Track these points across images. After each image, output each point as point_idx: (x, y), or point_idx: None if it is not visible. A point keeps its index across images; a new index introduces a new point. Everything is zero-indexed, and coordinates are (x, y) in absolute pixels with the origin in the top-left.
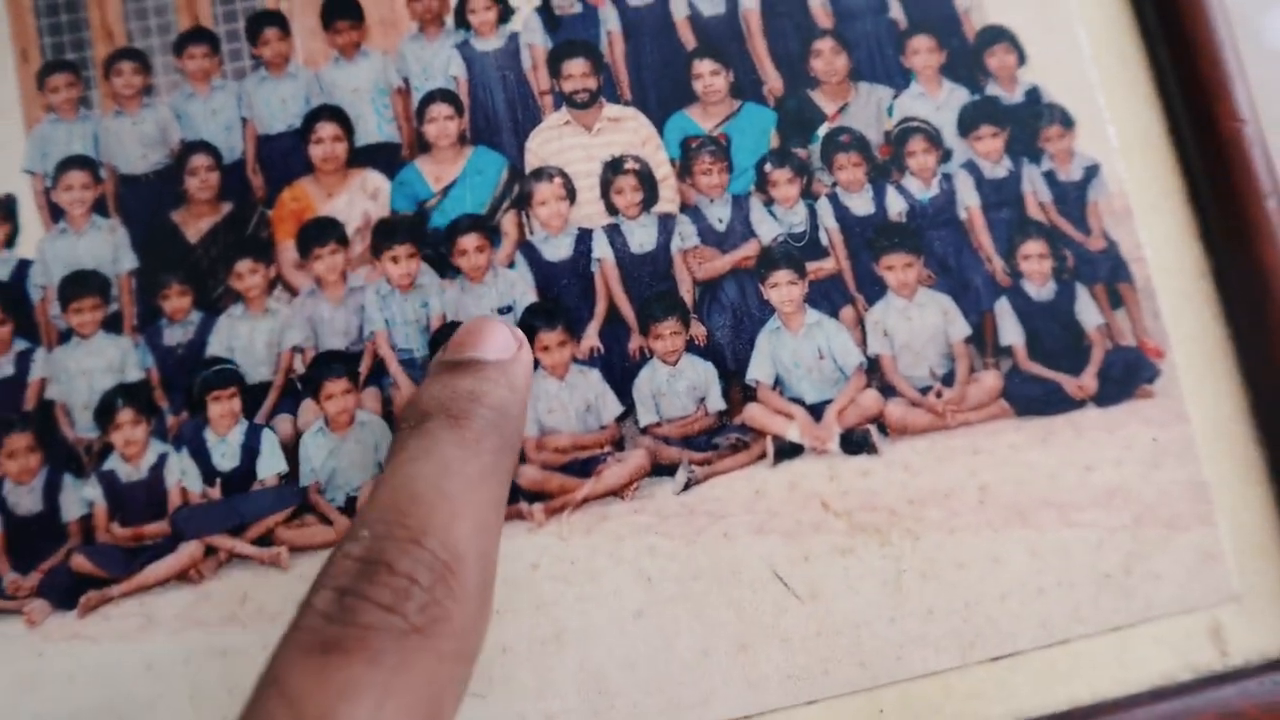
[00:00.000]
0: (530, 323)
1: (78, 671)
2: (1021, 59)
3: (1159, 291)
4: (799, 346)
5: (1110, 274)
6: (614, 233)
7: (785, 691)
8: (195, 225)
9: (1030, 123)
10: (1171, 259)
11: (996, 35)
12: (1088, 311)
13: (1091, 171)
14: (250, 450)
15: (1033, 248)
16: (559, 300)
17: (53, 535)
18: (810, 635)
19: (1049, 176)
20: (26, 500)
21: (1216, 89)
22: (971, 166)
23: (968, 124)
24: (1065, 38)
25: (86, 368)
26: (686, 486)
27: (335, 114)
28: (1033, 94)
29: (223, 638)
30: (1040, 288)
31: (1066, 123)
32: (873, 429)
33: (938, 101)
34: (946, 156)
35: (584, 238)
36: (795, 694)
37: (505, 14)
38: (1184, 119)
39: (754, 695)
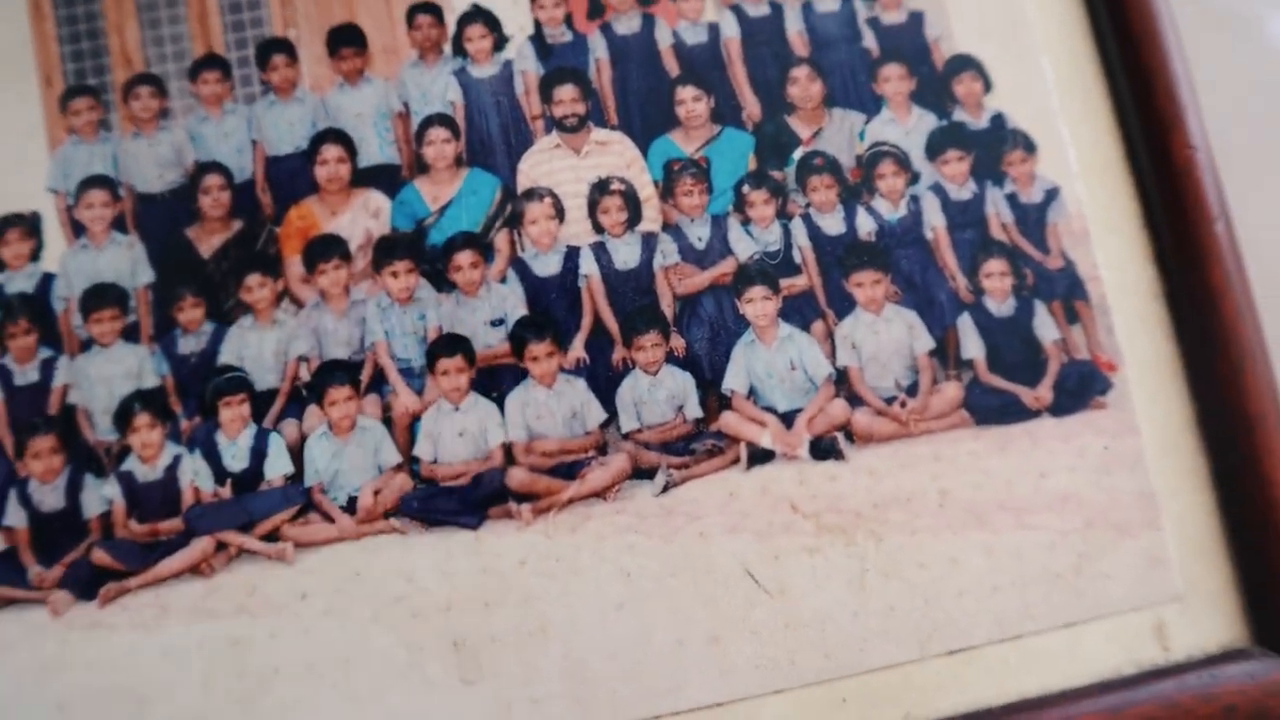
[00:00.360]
0: (521, 334)
1: (98, 657)
2: (988, 86)
3: (1113, 309)
4: (772, 358)
5: (1067, 292)
6: (600, 250)
7: (754, 681)
8: (208, 241)
9: (994, 147)
10: (1126, 278)
11: (964, 64)
12: (1045, 327)
13: (1052, 194)
14: (259, 452)
15: (995, 266)
16: (548, 313)
17: (75, 531)
18: (779, 628)
19: (1011, 199)
20: (50, 498)
21: (1171, 118)
22: (938, 189)
23: (935, 148)
24: (1030, 67)
25: (106, 374)
26: (665, 489)
27: (339, 137)
28: (997, 120)
29: (233, 627)
30: (1001, 304)
31: (1029, 148)
32: (840, 436)
33: (907, 127)
34: (914, 179)
35: (572, 255)
36: (764, 683)
37: (500, 42)
38: (1140, 146)
39: (725, 684)
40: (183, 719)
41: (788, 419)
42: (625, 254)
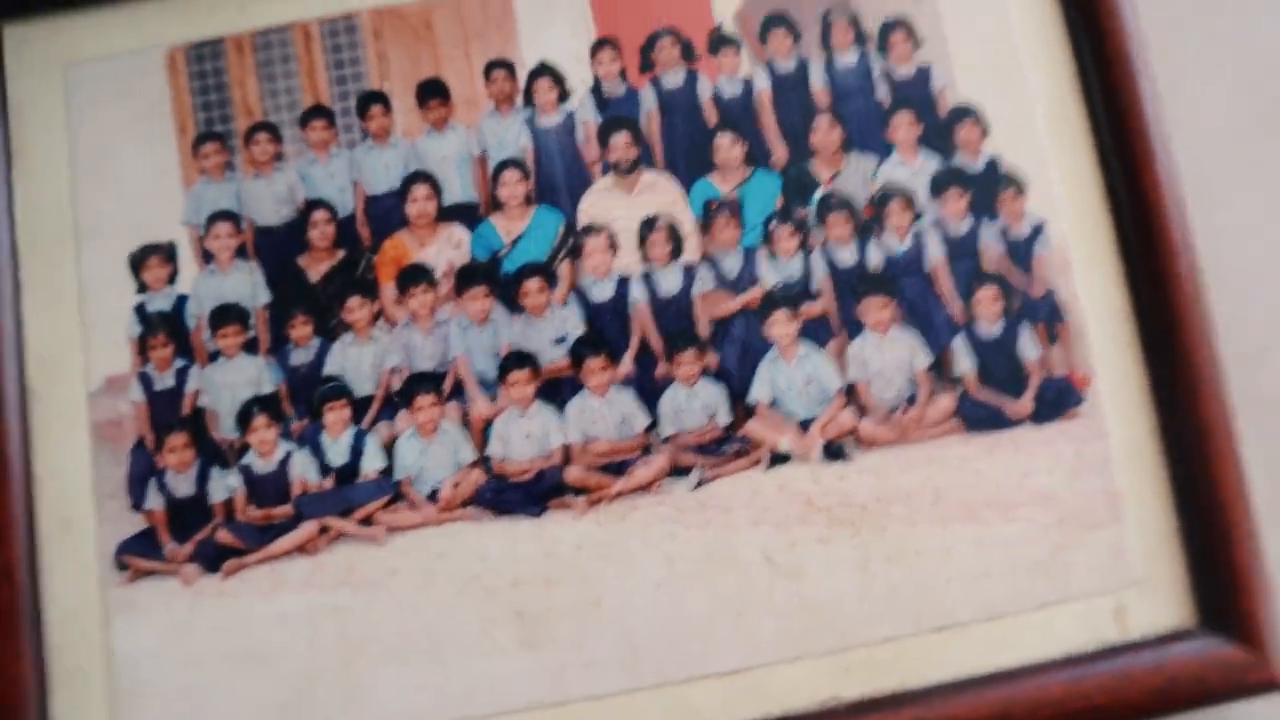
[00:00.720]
0: (579, 351)
1: (222, 622)
2: (985, 132)
3: (1089, 331)
4: (792, 373)
5: (1049, 315)
6: (647, 280)
7: (773, 651)
8: (316, 268)
9: (990, 187)
10: (1100, 304)
11: (964, 112)
12: (1029, 347)
13: (1038, 229)
14: (357, 450)
15: (986, 293)
16: (603, 333)
17: (203, 514)
18: (795, 607)
19: (1003, 233)
20: (183, 486)
21: (1144, 161)
22: (939, 224)
23: (939, 187)
24: (1024, 117)
25: (230, 382)
26: (699, 485)
27: (428, 178)
28: (993, 163)
29: (335, 598)
30: (991, 326)
31: (1020, 188)
32: (848, 441)
33: (914, 168)
34: (919, 216)
35: (624, 283)
36: (781, 653)
37: (564, 95)
38: (1120, 189)
39: (749, 653)
40: (293, 674)
41: (804, 426)
42: (669, 282)
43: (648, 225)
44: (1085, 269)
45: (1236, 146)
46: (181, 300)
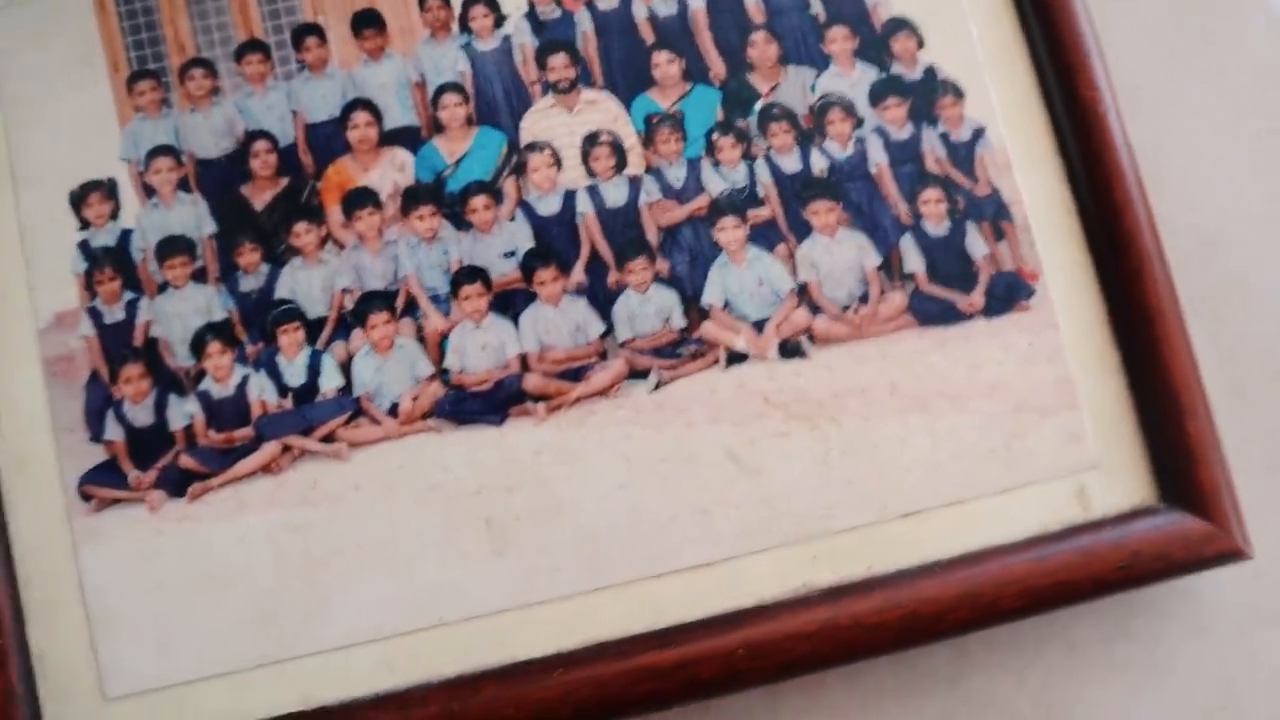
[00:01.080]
0: (530, 263)
1: (188, 545)
2: (920, 43)
3: (1033, 226)
4: (743, 276)
5: (994, 213)
6: (593, 192)
7: (737, 544)
8: (260, 196)
9: (928, 95)
10: (1044, 200)
11: (900, 24)
12: (976, 244)
13: (978, 133)
14: (314, 370)
15: (931, 194)
16: (552, 246)
17: (163, 441)
18: (756, 501)
19: (944, 138)
20: (141, 415)
21: (1078, 65)
22: (880, 131)
23: (877, 97)
24: (957, 25)
25: (181, 311)
26: (656, 387)
27: (367, 105)
28: (930, 72)
29: (298, 516)
30: (937, 226)
31: (958, 94)
32: (803, 339)
33: (852, 79)
34: (859, 124)
35: (570, 196)
36: (746, 546)
37: (499, 20)
38: (1054, 89)
39: (714, 548)
40: (258, 593)
41: (758, 326)
42: (614, 194)
43: (590, 140)
44: (1026, 168)
45: (1170, 50)
46: (126, 235)
